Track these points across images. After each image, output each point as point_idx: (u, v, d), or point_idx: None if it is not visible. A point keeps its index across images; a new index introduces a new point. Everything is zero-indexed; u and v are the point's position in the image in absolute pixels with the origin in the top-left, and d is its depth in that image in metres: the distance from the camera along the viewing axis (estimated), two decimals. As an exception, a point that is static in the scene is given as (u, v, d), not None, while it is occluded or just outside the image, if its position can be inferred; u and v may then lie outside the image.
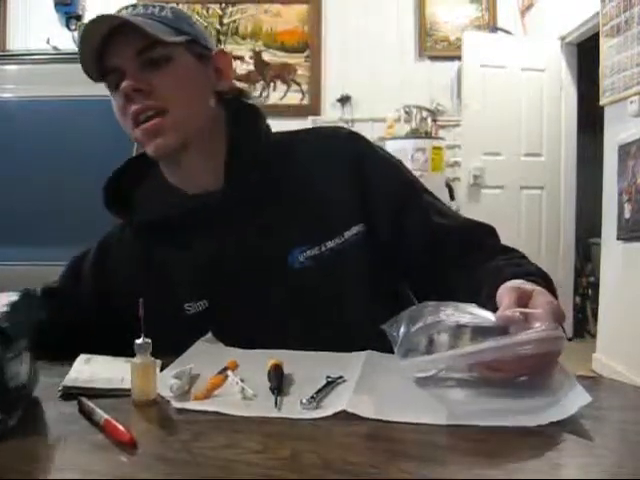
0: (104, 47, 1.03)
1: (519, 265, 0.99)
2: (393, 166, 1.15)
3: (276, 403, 0.79)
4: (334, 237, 1.06)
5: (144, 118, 1.02)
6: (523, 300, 0.81)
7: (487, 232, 1.11)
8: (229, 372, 0.89)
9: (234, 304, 1.05)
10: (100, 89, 1.08)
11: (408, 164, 1.32)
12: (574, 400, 0.74)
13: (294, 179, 1.10)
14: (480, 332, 0.81)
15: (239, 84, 1.19)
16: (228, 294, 1.06)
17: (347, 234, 1.06)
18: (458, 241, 1.07)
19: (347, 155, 1.11)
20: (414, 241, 1.08)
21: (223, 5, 5.48)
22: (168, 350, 0.94)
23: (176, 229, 1.09)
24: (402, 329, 0.86)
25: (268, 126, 1.16)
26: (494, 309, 0.82)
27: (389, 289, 1.13)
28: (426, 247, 1.07)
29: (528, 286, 0.85)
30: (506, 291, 0.84)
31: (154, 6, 1.07)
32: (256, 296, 1.05)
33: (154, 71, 1.03)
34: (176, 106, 1.03)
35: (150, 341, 0.82)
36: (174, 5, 1.16)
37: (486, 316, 0.82)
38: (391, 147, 4.31)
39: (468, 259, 1.03)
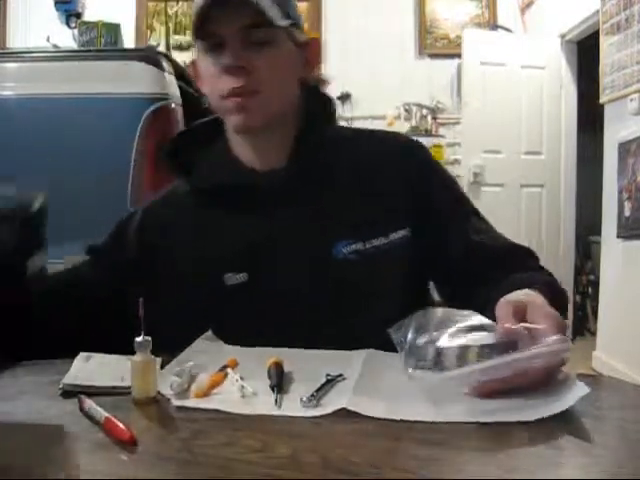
0: (211, 10, 1.01)
1: (527, 277, 1.00)
2: (449, 181, 1.19)
3: (276, 401, 0.79)
4: (379, 236, 1.08)
5: (236, 92, 1.04)
6: (519, 314, 0.81)
7: (525, 253, 1.12)
8: (229, 370, 0.89)
9: (272, 282, 1.06)
10: (100, 87, 1.08)
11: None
12: (572, 392, 0.74)
13: (352, 173, 1.12)
14: (487, 346, 0.82)
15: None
16: (268, 271, 1.06)
17: (393, 236, 1.08)
18: (493, 260, 1.08)
19: (408, 162, 1.14)
20: (451, 255, 1.10)
21: (223, 3, 5.48)
22: (201, 318, 1.00)
23: (231, 200, 1.10)
24: (409, 335, 0.86)
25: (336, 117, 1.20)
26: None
27: (422, 292, 1.16)
28: (461, 263, 1.09)
29: (523, 297, 0.85)
30: (502, 305, 0.84)
31: None
32: (294, 279, 1.06)
33: (255, 51, 1.03)
34: (268, 89, 1.05)
35: (150, 339, 0.82)
36: None
37: (491, 329, 0.83)
38: (391, 145, 4.29)
39: (494, 275, 1.03)
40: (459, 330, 0.85)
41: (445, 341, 0.85)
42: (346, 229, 1.07)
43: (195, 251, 1.10)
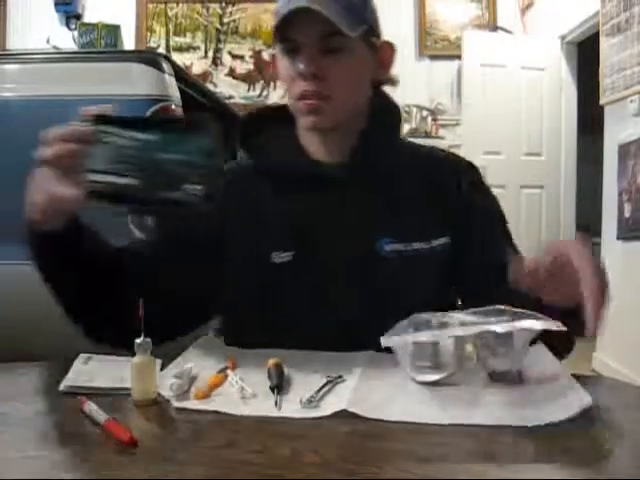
0: (290, 18, 1.05)
1: None
2: (496, 206, 1.23)
3: (276, 402, 0.79)
4: (421, 241, 1.12)
5: (308, 96, 1.09)
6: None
7: None
8: (229, 371, 0.89)
9: (313, 263, 1.10)
10: (100, 89, 1.08)
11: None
12: (575, 401, 0.75)
13: (406, 178, 1.17)
14: (485, 344, 0.84)
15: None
16: (313, 255, 1.10)
17: (435, 242, 1.12)
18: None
19: (458, 179, 1.19)
20: (475, 275, 1.14)
21: (223, 4, 5.48)
22: (247, 290, 1.08)
23: (289, 184, 1.14)
24: (408, 339, 0.87)
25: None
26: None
27: (450, 299, 1.18)
28: (482, 282, 1.12)
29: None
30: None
31: None
32: (336, 266, 1.10)
33: (330, 57, 1.08)
34: (339, 94, 1.10)
35: (150, 340, 0.82)
36: None
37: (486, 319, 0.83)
38: (391, 146, 4.29)
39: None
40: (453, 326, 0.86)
41: (442, 337, 0.86)
42: (391, 228, 1.11)
43: (246, 225, 1.14)
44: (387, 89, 1.24)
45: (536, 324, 0.82)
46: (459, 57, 4.99)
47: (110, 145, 0.80)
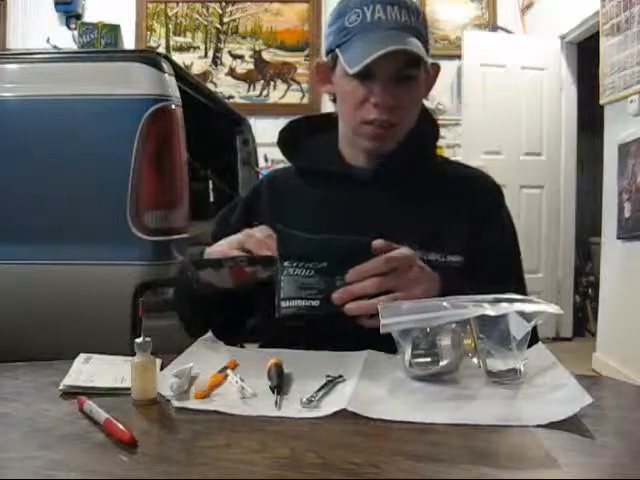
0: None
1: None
2: (512, 232, 1.28)
3: (276, 402, 0.79)
4: (437, 252, 1.13)
5: (378, 124, 1.13)
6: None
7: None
8: (229, 371, 0.89)
9: None
10: (100, 88, 1.08)
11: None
12: (575, 400, 0.75)
13: (432, 191, 1.19)
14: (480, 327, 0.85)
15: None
16: None
17: (450, 258, 1.14)
18: None
19: (486, 199, 1.24)
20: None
21: (223, 4, 5.47)
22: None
23: (324, 183, 1.20)
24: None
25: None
26: None
27: None
28: None
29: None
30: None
31: (412, 12, 1.12)
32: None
33: (402, 87, 1.12)
34: (404, 121, 1.15)
35: (150, 339, 0.82)
36: (419, 6, 1.18)
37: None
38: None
39: None
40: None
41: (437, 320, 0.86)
42: (410, 235, 1.11)
43: (281, 215, 1.17)
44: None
45: (529, 307, 0.83)
46: (459, 57, 4.99)
47: (293, 277, 0.96)
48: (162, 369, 0.90)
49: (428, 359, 0.86)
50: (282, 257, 0.98)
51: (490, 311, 0.82)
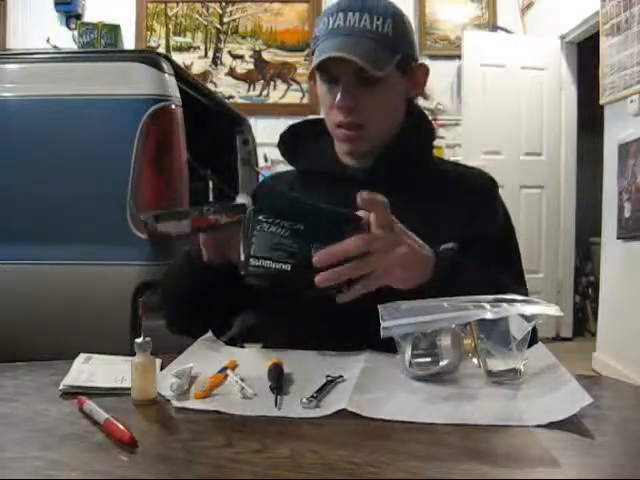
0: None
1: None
2: (508, 226, 1.30)
3: (276, 402, 0.79)
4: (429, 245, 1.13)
5: (343, 126, 1.17)
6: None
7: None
8: (229, 371, 0.89)
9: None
10: (100, 88, 1.08)
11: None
12: (575, 400, 0.75)
13: (426, 188, 1.20)
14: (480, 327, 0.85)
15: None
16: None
17: (443, 247, 1.13)
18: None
19: (481, 191, 1.27)
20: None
21: (223, 4, 5.48)
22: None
23: (321, 183, 1.23)
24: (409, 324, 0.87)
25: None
26: None
27: None
28: None
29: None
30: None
31: (378, 18, 1.15)
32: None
33: (364, 89, 1.15)
34: (373, 123, 1.17)
35: (150, 340, 0.82)
36: (395, 11, 1.22)
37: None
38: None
39: None
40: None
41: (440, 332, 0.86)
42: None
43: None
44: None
45: (529, 308, 0.83)
46: (459, 57, 4.99)
47: (266, 234, 0.91)
48: (162, 369, 0.90)
49: (428, 359, 0.86)
50: (257, 210, 0.92)
51: (490, 314, 0.82)
